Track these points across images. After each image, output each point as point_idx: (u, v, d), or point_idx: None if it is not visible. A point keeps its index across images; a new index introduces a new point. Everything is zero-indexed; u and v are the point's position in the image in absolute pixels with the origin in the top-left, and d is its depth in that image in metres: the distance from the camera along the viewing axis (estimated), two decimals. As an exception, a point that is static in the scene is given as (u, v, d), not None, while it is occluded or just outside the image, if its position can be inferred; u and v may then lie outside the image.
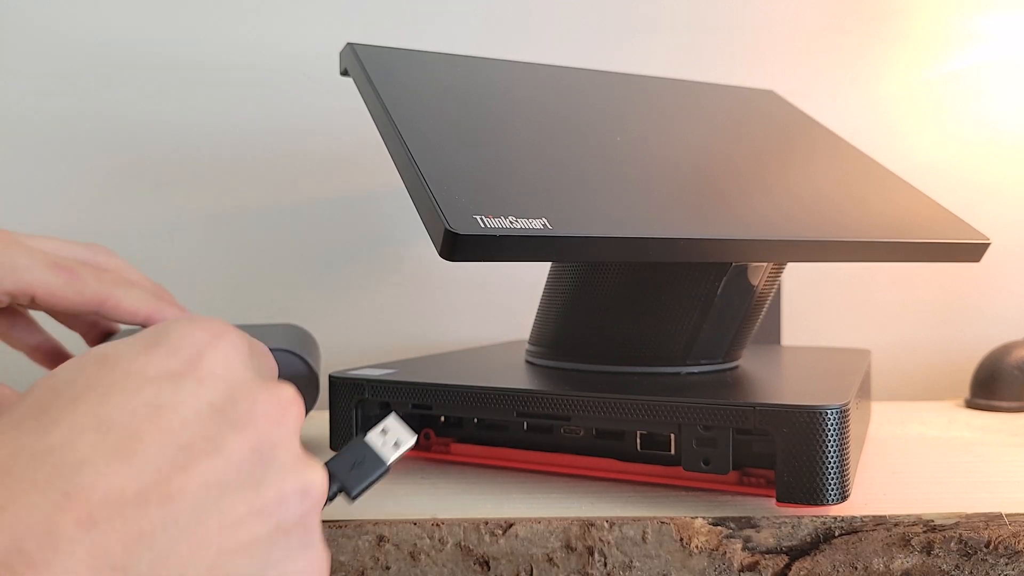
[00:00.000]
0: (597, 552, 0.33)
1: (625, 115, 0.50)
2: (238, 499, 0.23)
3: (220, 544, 0.22)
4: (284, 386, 0.26)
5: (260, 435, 0.24)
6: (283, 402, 0.26)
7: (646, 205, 0.39)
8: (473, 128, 0.41)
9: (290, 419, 0.25)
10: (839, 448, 0.33)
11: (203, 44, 0.68)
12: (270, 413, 0.25)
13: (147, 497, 0.21)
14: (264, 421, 0.25)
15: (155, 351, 0.25)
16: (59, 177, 0.67)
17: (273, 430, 0.25)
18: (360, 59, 0.45)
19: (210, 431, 0.24)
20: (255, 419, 0.24)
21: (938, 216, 0.46)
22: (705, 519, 0.34)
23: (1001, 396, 0.59)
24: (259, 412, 0.25)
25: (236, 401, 0.25)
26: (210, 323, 0.26)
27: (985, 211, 0.70)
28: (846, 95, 0.71)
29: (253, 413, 0.25)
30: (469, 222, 0.32)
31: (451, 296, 0.70)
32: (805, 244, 0.40)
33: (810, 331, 0.71)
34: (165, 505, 0.22)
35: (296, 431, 0.26)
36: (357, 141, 0.69)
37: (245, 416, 0.24)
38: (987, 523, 0.33)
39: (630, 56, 0.70)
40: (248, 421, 0.24)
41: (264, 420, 0.25)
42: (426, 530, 0.34)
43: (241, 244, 0.69)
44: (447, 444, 0.44)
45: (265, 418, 0.25)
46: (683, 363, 0.43)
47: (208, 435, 0.24)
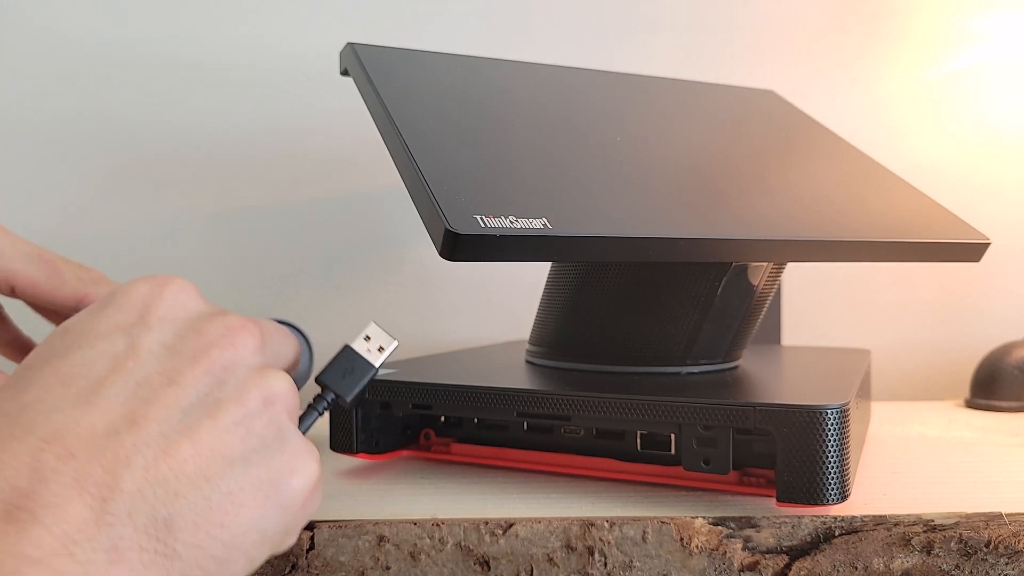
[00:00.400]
0: (597, 552, 0.33)
1: (625, 115, 0.50)
2: (202, 419, 0.25)
3: (196, 457, 0.24)
4: (231, 315, 0.29)
5: (212, 361, 0.27)
6: (231, 328, 0.28)
7: (646, 205, 0.39)
8: (473, 128, 0.41)
9: (240, 341, 0.28)
10: (839, 448, 0.33)
11: (203, 44, 0.68)
12: (219, 340, 0.27)
13: (116, 428, 0.24)
14: (215, 348, 0.27)
15: (105, 311, 0.28)
16: (59, 177, 0.67)
17: (225, 354, 0.27)
18: (360, 59, 0.45)
19: (165, 366, 0.26)
20: (206, 348, 0.27)
21: (938, 216, 0.46)
22: (705, 519, 0.34)
23: (1001, 396, 0.59)
24: (209, 341, 0.27)
25: (185, 337, 0.27)
26: (154, 277, 0.29)
27: (985, 211, 0.70)
28: (846, 95, 0.71)
29: (204, 343, 0.27)
30: (469, 222, 0.32)
31: (451, 296, 0.70)
32: (805, 244, 0.40)
33: (810, 331, 0.71)
34: (133, 432, 0.24)
35: (253, 351, 0.28)
36: (357, 141, 0.69)
37: (196, 347, 0.27)
38: (987, 523, 0.33)
39: (630, 56, 0.70)
40: (199, 351, 0.27)
41: (215, 347, 0.27)
42: (426, 530, 0.34)
43: (241, 244, 0.69)
44: (447, 444, 0.44)
45: (215, 345, 0.27)
46: (683, 363, 0.43)
47: (163, 369, 0.26)
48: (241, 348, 0.28)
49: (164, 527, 0.23)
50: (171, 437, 0.24)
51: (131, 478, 0.23)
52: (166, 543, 0.23)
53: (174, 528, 0.23)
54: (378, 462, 0.44)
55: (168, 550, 0.23)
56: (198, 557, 0.24)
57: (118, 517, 0.23)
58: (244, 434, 0.26)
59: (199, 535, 0.24)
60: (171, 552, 0.23)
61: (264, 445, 0.26)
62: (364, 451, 0.41)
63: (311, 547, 0.33)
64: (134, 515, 0.23)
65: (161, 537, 0.23)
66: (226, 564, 0.25)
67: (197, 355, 0.27)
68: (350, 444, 0.41)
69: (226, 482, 0.25)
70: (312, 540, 0.33)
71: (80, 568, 0.21)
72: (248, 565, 0.26)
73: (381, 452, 0.42)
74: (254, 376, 0.27)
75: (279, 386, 0.28)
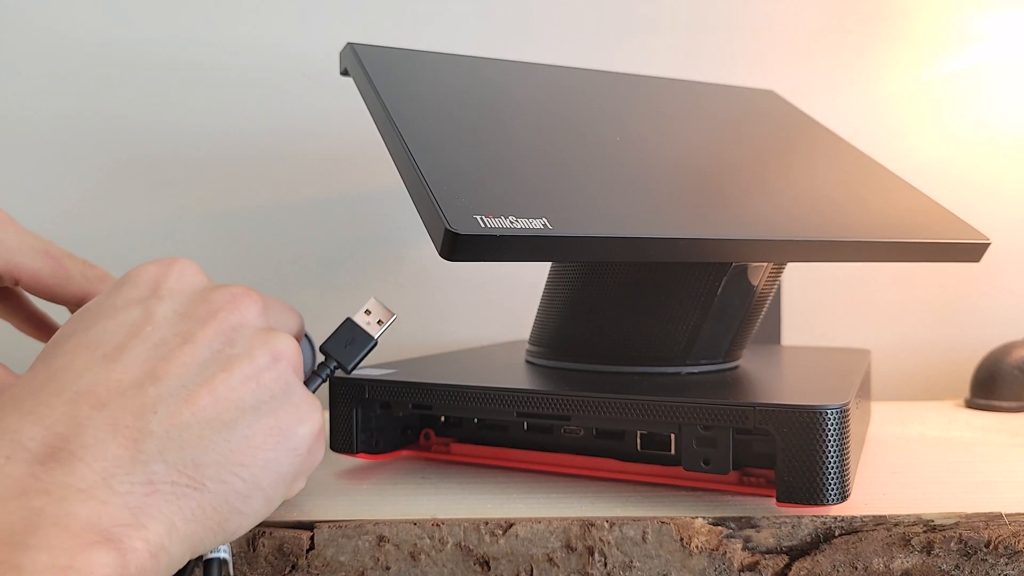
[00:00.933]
0: (597, 552, 0.33)
1: (625, 115, 0.50)
2: (217, 372, 0.28)
3: (215, 405, 0.28)
4: (233, 285, 0.32)
5: (221, 322, 0.30)
6: (236, 295, 0.31)
7: (646, 205, 0.39)
8: (473, 128, 0.41)
9: (244, 306, 0.31)
10: (839, 448, 0.33)
11: (203, 44, 0.68)
12: (226, 305, 0.30)
13: (140, 382, 0.27)
14: (223, 312, 0.30)
15: (120, 289, 0.31)
16: (59, 176, 0.67)
17: (232, 316, 0.30)
18: (360, 59, 0.45)
19: (179, 329, 0.29)
20: (215, 313, 0.30)
21: (938, 216, 0.46)
22: (705, 519, 0.34)
23: (1001, 396, 0.59)
24: (217, 307, 0.30)
25: (194, 304, 0.30)
26: (161, 259, 0.32)
27: (985, 211, 0.70)
28: (846, 95, 0.71)
29: (212, 308, 0.30)
30: (469, 222, 0.32)
31: (451, 296, 0.70)
32: (805, 244, 0.40)
33: (810, 331, 0.71)
34: (156, 384, 0.27)
35: (257, 314, 0.31)
36: (357, 141, 0.69)
37: (206, 313, 0.30)
38: (987, 523, 0.33)
39: (630, 56, 0.70)
40: (209, 315, 0.30)
41: (222, 311, 0.30)
42: (426, 530, 0.34)
43: (241, 244, 0.69)
44: (447, 444, 0.44)
45: (223, 310, 0.30)
46: (683, 363, 0.43)
47: (178, 332, 0.29)
48: (246, 312, 0.31)
49: (192, 465, 0.26)
50: (191, 388, 0.27)
51: (158, 423, 0.26)
52: (195, 478, 0.26)
53: (201, 466, 0.26)
54: (378, 462, 0.44)
55: (197, 484, 0.26)
56: (224, 491, 0.27)
57: (150, 455, 0.25)
58: (255, 387, 0.29)
59: (223, 472, 0.27)
60: (200, 486, 0.26)
61: (273, 396, 0.29)
62: (364, 451, 0.41)
63: (311, 547, 0.33)
64: (164, 454, 0.26)
65: (190, 473, 0.26)
66: (248, 500, 0.28)
67: (207, 318, 0.30)
68: (350, 444, 0.41)
69: (242, 427, 0.28)
70: (312, 540, 0.33)
71: (120, 499, 0.24)
72: (267, 504, 0.29)
73: (381, 452, 0.42)
74: (261, 335, 0.30)
75: (284, 345, 0.31)
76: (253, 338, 0.30)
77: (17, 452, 0.24)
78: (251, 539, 0.33)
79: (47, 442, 0.25)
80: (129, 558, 0.23)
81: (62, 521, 0.23)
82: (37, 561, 0.22)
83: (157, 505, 0.25)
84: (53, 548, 0.22)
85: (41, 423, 0.25)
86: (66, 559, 0.22)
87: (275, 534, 0.33)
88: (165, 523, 0.25)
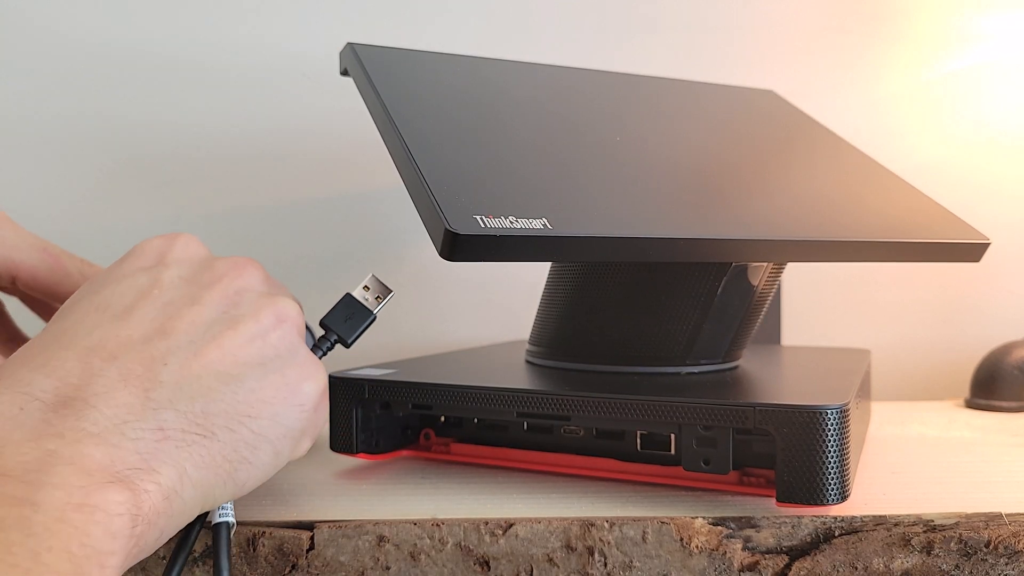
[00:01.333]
0: (597, 552, 0.33)
1: (625, 115, 0.50)
2: (224, 330, 0.29)
3: (223, 360, 0.28)
4: (238, 256, 0.33)
5: (226, 286, 0.31)
6: (239, 263, 0.32)
7: (646, 205, 0.39)
8: (473, 128, 0.41)
9: (248, 273, 0.32)
10: (839, 448, 0.33)
11: (203, 44, 0.68)
12: (231, 272, 0.32)
13: (149, 337, 0.28)
14: (227, 278, 0.31)
15: (127, 260, 0.32)
16: (59, 176, 0.67)
17: (236, 282, 0.31)
18: (360, 59, 0.45)
19: (185, 292, 0.30)
20: (220, 278, 0.31)
21: (938, 216, 0.46)
22: (705, 519, 0.34)
23: (1001, 396, 0.59)
24: (221, 273, 0.31)
25: (200, 271, 0.31)
26: (164, 234, 0.33)
27: (985, 211, 0.70)
28: (846, 95, 0.71)
29: (217, 274, 0.31)
30: (469, 222, 0.32)
31: (451, 296, 0.70)
32: (805, 244, 0.40)
33: (810, 331, 0.71)
34: (166, 339, 0.28)
35: (260, 280, 0.33)
36: (357, 141, 0.69)
37: (211, 278, 0.31)
38: (987, 523, 0.33)
39: (630, 56, 0.70)
40: (214, 280, 0.31)
41: (227, 277, 0.31)
42: (426, 530, 0.34)
43: (241, 244, 0.69)
44: (447, 444, 0.44)
45: (227, 276, 0.31)
46: (683, 363, 0.43)
47: (184, 294, 0.30)
48: (249, 277, 0.32)
49: (201, 414, 0.27)
50: (199, 343, 0.28)
51: (168, 374, 0.27)
52: (204, 427, 0.27)
53: (210, 415, 0.27)
54: (378, 462, 0.44)
55: (207, 432, 0.27)
56: (233, 441, 0.28)
57: (161, 404, 0.26)
58: (261, 345, 0.30)
59: (232, 422, 0.28)
60: (210, 434, 0.27)
61: (278, 355, 0.30)
62: (364, 451, 0.41)
63: (311, 547, 0.33)
64: (175, 402, 0.27)
65: (199, 421, 0.27)
66: (256, 451, 0.29)
67: (212, 282, 0.31)
68: (350, 444, 0.41)
69: (249, 381, 0.29)
70: (312, 540, 0.33)
71: (132, 444, 0.25)
72: (275, 458, 0.30)
73: (381, 452, 0.42)
74: (266, 298, 0.31)
75: (288, 307, 0.32)
76: (258, 300, 0.31)
77: (30, 403, 0.25)
78: (251, 539, 0.33)
79: (59, 392, 0.25)
80: (142, 499, 0.24)
81: (77, 461, 0.23)
82: (53, 498, 0.22)
83: (168, 451, 0.26)
84: (69, 486, 0.23)
85: (53, 375, 0.26)
86: (81, 496, 0.23)
87: (275, 534, 0.33)
88: (176, 468, 0.26)
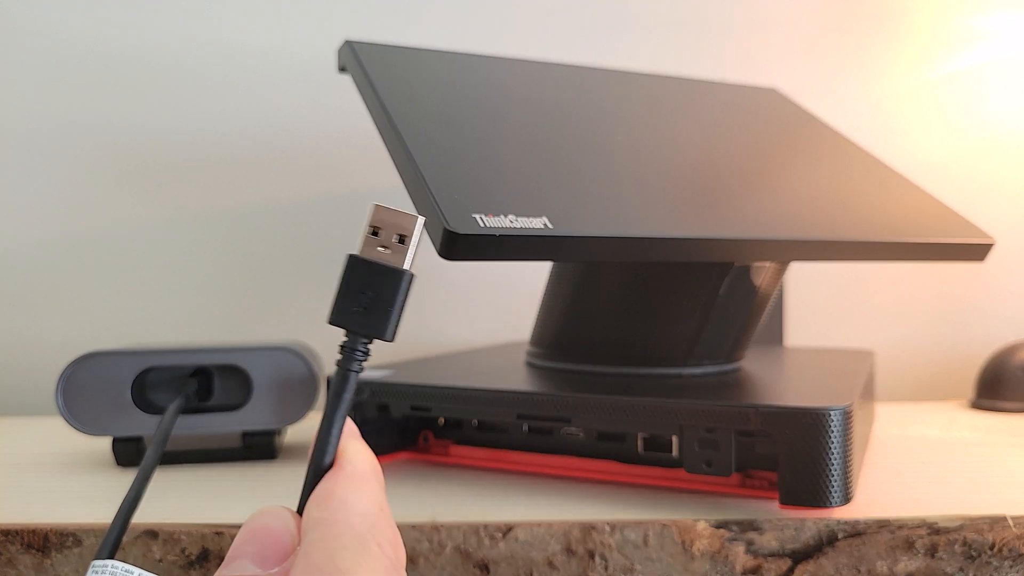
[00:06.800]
0: (598, 556, 0.33)
1: (627, 113, 0.50)
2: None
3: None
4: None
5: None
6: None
7: (648, 204, 0.38)
8: (473, 126, 0.41)
9: None
10: (842, 450, 0.33)
11: (203, 44, 0.68)
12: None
13: None
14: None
15: None
16: (60, 177, 0.67)
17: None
18: (358, 57, 0.44)
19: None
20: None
21: (942, 216, 0.46)
22: (707, 522, 0.33)
23: (1005, 397, 0.59)
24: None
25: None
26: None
27: (990, 211, 0.70)
28: (850, 93, 0.71)
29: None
30: (469, 221, 0.32)
31: (451, 296, 0.70)
32: (808, 244, 0.39)
33: (813, 332, 0.71)
34: None
35: None
36: (357, 141, 0.68)
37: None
38: (991, 525, 0.33)
39: (632, 53, 0.70)
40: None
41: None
42: (425, 533, 0.33)
43: (240, 244, 0.69)
44: (446, 446, 0.43)
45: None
46: (685, 364, 0.43)
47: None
48: None
49: None
50: None
51: None
52: None
53: None
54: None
55: None
56: None
57: None
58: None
59: None
60: None
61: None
62: (363, 453, 0.41)
63: (308, 550, 0.33)
64: None
65: None
66: None
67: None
68: (349, 446, 0.41)
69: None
70: (309, 543, 0.33)
71: None
72: None
73: (379, 454, 0.42)
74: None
75: None
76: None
77: None
78: (248, 542, 0.33)
79: None
80: None
81: None
82: None
83: None
84: None
85: None
86: None
87: (272, 537, 0.33)
88: None
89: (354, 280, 0.23)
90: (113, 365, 0.43)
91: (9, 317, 0.67)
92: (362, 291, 0.23)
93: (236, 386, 0.45)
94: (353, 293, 0.23)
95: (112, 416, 0.43)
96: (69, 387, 0.43)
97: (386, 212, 0.24)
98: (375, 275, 0.23)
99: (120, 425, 0.43)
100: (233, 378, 0.45)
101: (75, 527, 0.34)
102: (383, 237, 0.24)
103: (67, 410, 0.43)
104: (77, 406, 0.43)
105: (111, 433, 0.43)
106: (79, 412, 0.43)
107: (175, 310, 0.68)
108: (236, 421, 0.44)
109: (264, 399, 0.44)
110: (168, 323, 0.68)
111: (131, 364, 0.43)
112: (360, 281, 0.23)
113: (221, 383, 0.45)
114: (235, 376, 0.44)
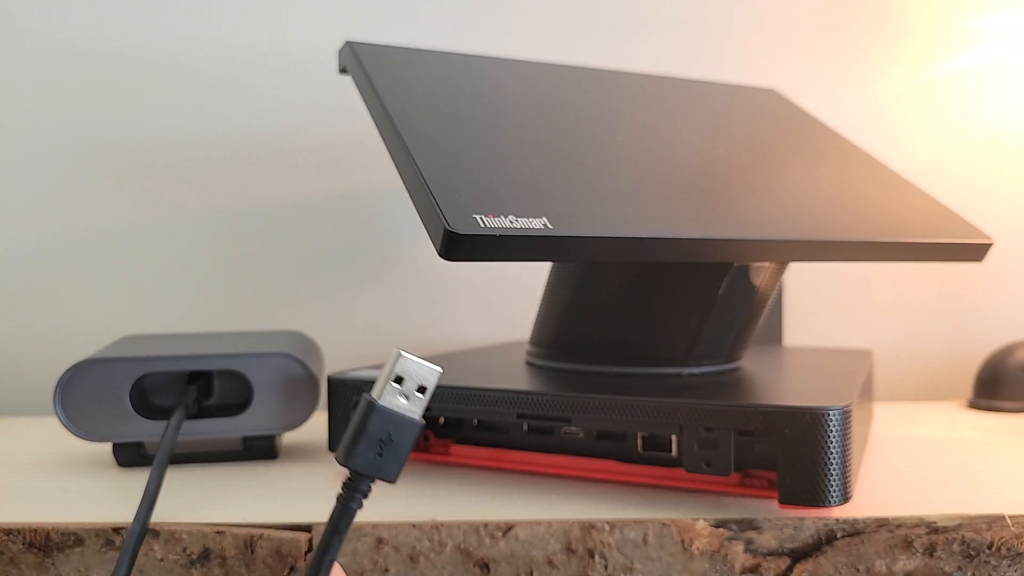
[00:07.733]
0: (598, 555, 0.33)
1: (626, 114, 0.50)
2: None
3: None
4: None
5: None
6: None
7: (647, 204, 0.38)
8: (473, 127, 0.41)
9: None
10: (841, 450, 0.33)
11: (203, 44, 0.68)
12: None
13: None
14: None
15: None
16: (60, 177, 0.67)
17: None
18: (359, 57, 0.44)
19: None
20: None
21: (941, 216, 0.46)
22: (707, 521, 0.33)
23: (1004, 397, 0.59)
24: None
25: None
26: None
27: (988, 211, 0.70)
28: (849, 93, 0.71)
29: None
30: (469, 221, 0.32)
31: (451, 296, 0.70)
32: (807, 244, 0.39)
33: (812, 331, 0.71)
34: None
35: None
36: (356, 141, 0.68)
37: None
38: (990, 525, 0.33)
39: (631, 54, 0.70)
40: None
41: None
42: (425, 532, 0.33)
43: (240, 244, 0.69)
44: (446, 446, 0.43)
45: None
46: (684, 364, 0.43)
47: None
48: None
49: None
50: None
51: None
52: None
53: None
54: (377, 463, 0.43)
55: None
56: None
57: None
58: None
59: None
60: None
61: None
62: (363, 452, 0.41)
63: (309, 549, 0.33)
64: None
65: None
66: None
67: None
68: (349, 445, 0.41)
69: None
70: (310, 542, 0.33)
71: None
72: None
73: (380, 453, 0.42)
74: None
75: None
76: None
77: None
78: (249, 541, 0.33)
79: None
80: None
81: None
82: None
83: None
84: None
85: None
86: None
87: (273, 536, 0.33)
88: None
89: (374, 427, 0.24)
90: (110, 372, 0.43)
91: (9, 317, 0.67)
92: (380, 438, 0.24)
93: (236, 388, 0.45)
94: (371, 439, 0.24)
95: (112, 422, 0.43)
96: (67, 394, 0.42)
97: (412, 364, 0.25)
98: (396, 425, 0.24)
99: (120, 431, 0.43)
100: (232, 380, 0.45)
101: (76, 526, 0.34)
102: (405, 387, 0.25)
103: (66, 417, 0.42)
104: (76, 413, 0.42)
105: (112, 439, 0.43)
106: (79, 419, 0.43)
107: (175, 310, 0.68)
108: (237, 426, 0.44)
109: (265, 404, 0.44)
110: (168, 323, 0.68)
111: (129, 370, 0.43)
112: (379, 428, 0.24)
113: (221, 385, 0.45)
114: (235, 378, 0.44)
